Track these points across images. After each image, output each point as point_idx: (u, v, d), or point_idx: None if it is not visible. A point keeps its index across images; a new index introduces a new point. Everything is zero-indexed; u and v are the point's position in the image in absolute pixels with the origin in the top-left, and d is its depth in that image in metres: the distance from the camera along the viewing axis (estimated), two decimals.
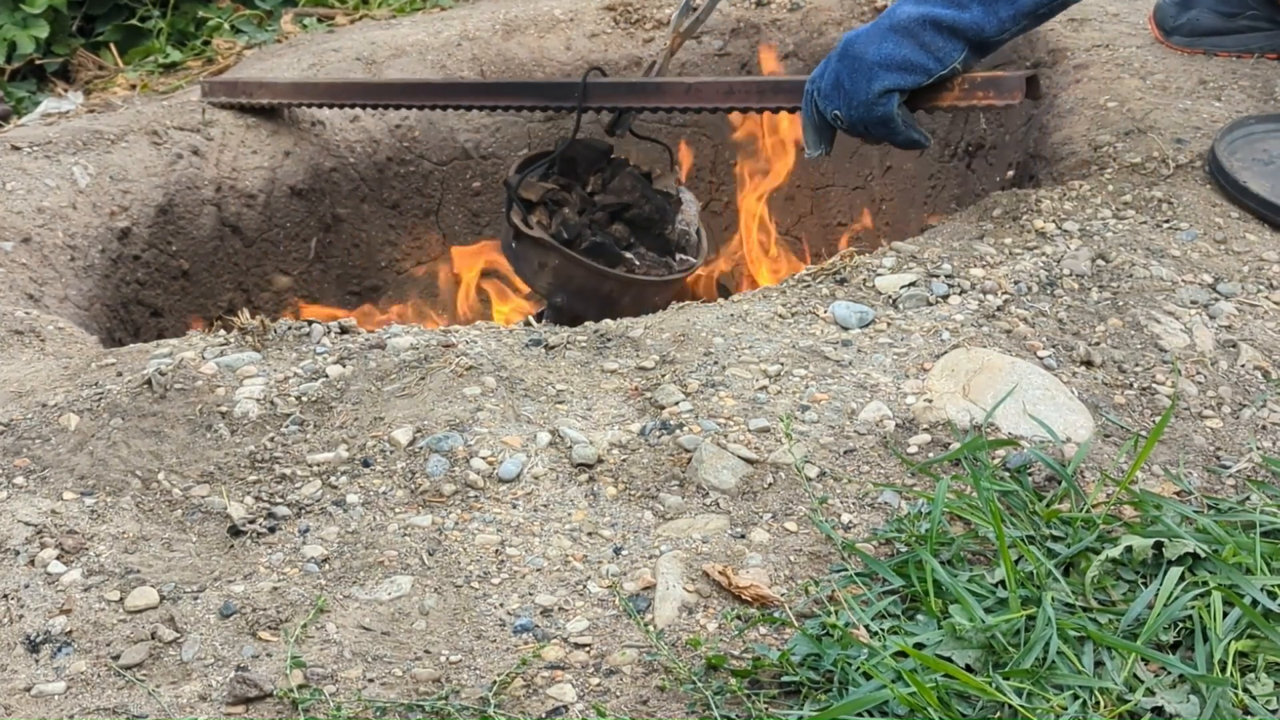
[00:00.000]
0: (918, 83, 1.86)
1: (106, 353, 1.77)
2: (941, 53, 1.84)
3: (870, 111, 1.88)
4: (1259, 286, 1.80)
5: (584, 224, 2.35)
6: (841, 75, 1.90)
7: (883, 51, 1.85)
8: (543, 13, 3.17)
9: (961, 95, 1.92)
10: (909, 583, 1.28)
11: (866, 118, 1.89)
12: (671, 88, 2.30)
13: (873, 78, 1.86)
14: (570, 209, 2.38)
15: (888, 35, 1.85)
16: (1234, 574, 1.26)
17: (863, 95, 1.87)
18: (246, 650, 1.23)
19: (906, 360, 1.61)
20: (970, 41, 1.84)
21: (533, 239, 2.32)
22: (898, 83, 1.86)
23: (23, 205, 2.35)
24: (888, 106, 1.87)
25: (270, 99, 2.74)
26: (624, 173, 2.45)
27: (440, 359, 1.61)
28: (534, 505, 1.41)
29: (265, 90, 2.75)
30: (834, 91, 1.92)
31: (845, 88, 1.89)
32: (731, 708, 1.16)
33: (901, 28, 1.84)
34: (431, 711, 1.16)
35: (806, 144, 2.03)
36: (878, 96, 1.86)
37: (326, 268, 2.90)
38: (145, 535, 1.39)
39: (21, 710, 1.17)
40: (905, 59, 1.84)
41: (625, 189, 2.41)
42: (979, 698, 1.13)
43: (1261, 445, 1.54)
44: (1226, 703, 1.13)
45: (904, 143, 1.94)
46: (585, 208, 2.40)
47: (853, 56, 1.88)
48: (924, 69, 1.85)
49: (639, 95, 2.35)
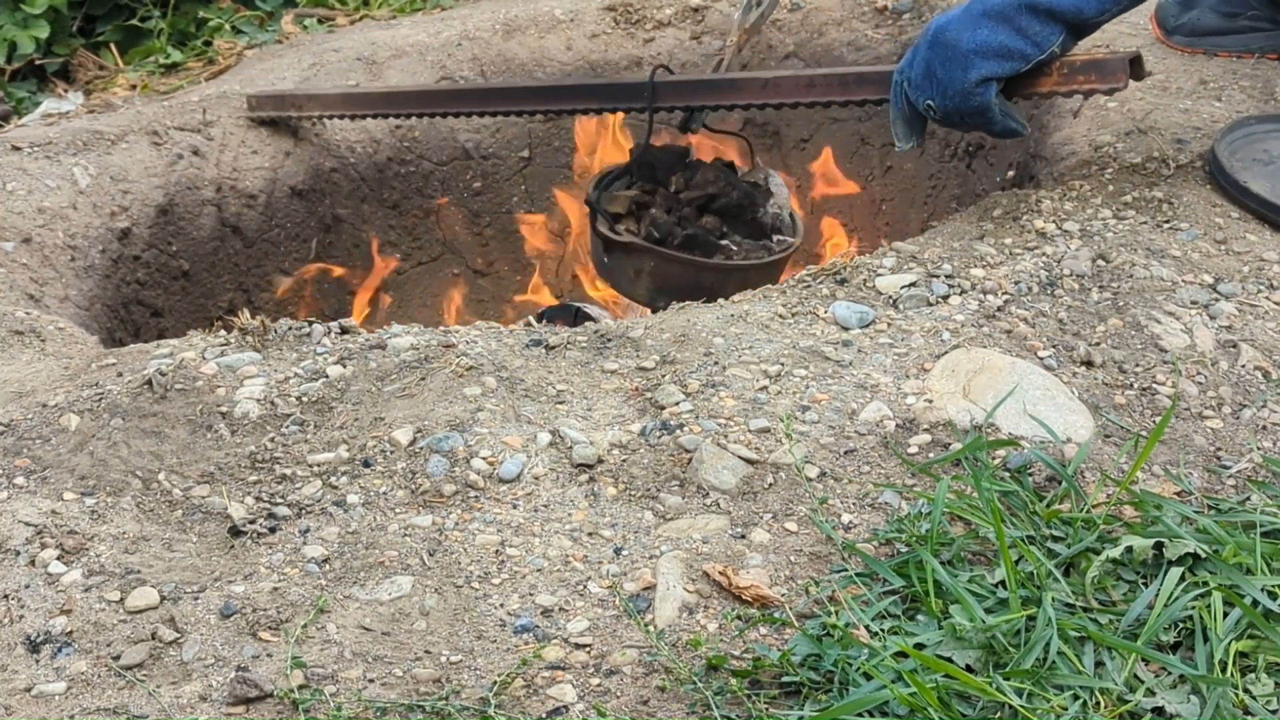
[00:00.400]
0: (1015, 69, 1.80)
1: (107, 353, 1.77)
2: (1039, 37, 1.78)
3: (967, 101, 1.82)
4: (1259, 287, 1.80)
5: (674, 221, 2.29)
6: (933, 64, 1.84)
7: (977, 38, 1.79)
8: (543, 13, 3.17)
9: (1061, 80, 1.86)
10: (909, 583, 1.28)
11: (963, 107, 1.83)
12: (747, 83, 2.22)
13: (969, 66, 1.80)
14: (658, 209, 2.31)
15: (981, 21, 1.79)
16: (1234, 574, 1.26)
17: (958, 84, 1.81)
18: (247, 650, 1.23)
19: (907, 360, 1.61)
20: (1069, 24, 1.78)
21: (624, 245, 2.25)
22: (995, 70, 1.80)
23: (23, 205, 2.35)
24: (985, 96, 1.81)
25: (321, 111, 2.66)
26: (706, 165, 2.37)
27: (440, 359, 1.61)
28: (534, 505, 1.41)
29: (315, 103, 2.67)
30: (926, 81, 1.86)
31: (938, 77, 1.83)
32: (732, 708, 1.16)
33: (996, 13, 1.78)
34: (432, 712, 1.16)
35: (896, 137, 1.97)
36: (975, 85, 1.80)
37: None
38: (146, 535, 1.40)
39: (22, 710, 1.17)
40: (1002, 45, 1.78)
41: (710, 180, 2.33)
42: (979, 698, 1.13)
43: (1262, 445, 1.54)
44: (1227, 703, 1.13)
45: (1001, 132, 1.89)
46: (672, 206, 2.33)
47: (945, 44, 1.82)
48: (1022, 55, 1.79)
49: (713, 93, 2.26)
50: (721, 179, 2.34)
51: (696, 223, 2.32)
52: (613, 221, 2.29)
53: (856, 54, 2.97)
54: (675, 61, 3.07)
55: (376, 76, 2.97)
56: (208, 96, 2.83)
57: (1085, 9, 1.76)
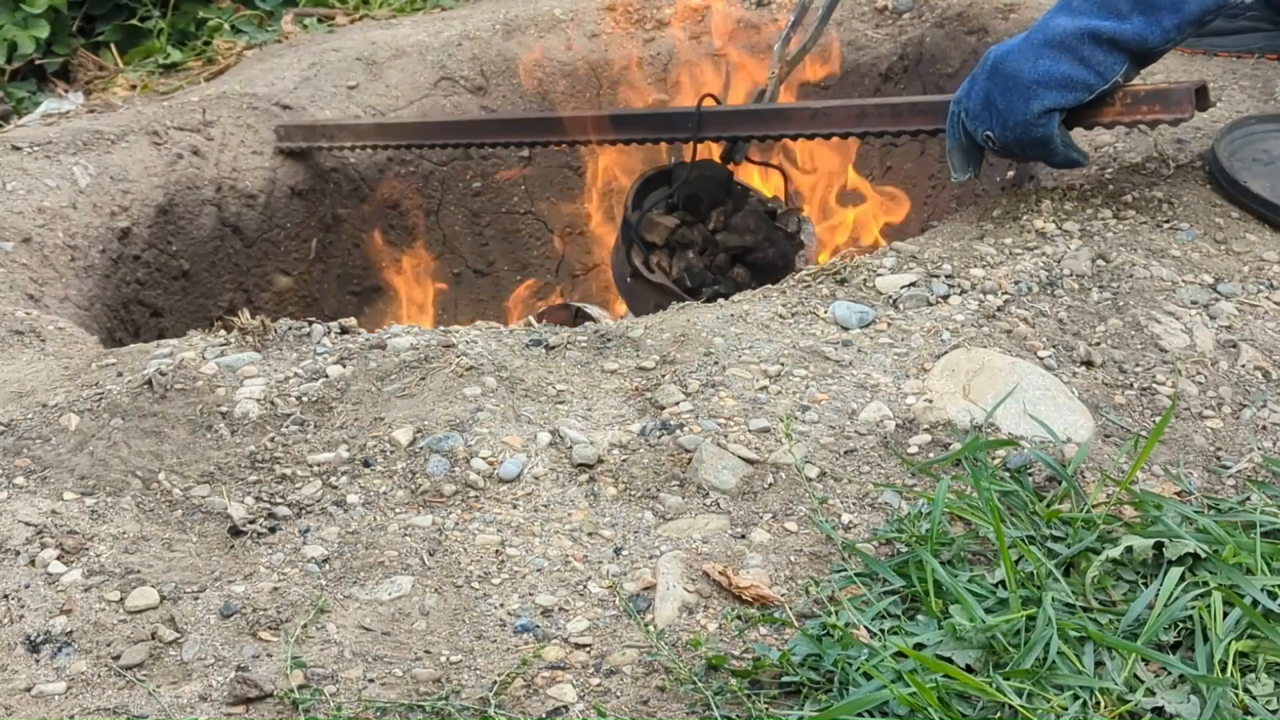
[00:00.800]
0: (1079, 100, 1.78)
1: (107, 353, 1.77)
2: (1102, 66, 1.75)
3: (1029, 132, 1.80)
4: (1259, 286, 1.80)
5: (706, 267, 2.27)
6: (993, 94, 1.81)
7: (1039, 69, 1.76)
8: (543, 13, 3.17)
9: (1124, 110, 1.84)
10: (909, 583, 1.28)
11: (1024, 138, 1.81)
12: (796, 113, 2.19)
13: (1031, 97, 1.77)
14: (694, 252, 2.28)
15: (1044, 51, 1.76)
16: (1234, 574, 1.26)
17: (1020, 115, 1.79)
18: (247, 650, 1.23)
19: (907, 360, 1.61)
20: (1132, 53, 1.75)
21: (653, 284, 2.23)
22: (1058, 101, 1.77)
23: (23, 205, 2.35)
24: (1048, 127, 1.79)
25: (353, 142, 2.64)
26: (747, 209, 2.35)
27: (440, 359, 1.61)
28: (534, 505, 1.41)
29: (346, 133, 2.64)
30: (984, 111, 1.83)
31: (998, 107, 1.81)
32: (732, 708, 1.16)
33: (1058, 42, 1.75)
34: (432, 712, 1.16)
35: (953, 167, 1.94)
36: (1038, 116, 1.78)
37: (327, 268, 2.90)
38: (145, 535, 1.40)
39: (22, 710, 1.17)
40: (1065, 75, 1.76)
41: (748, 228, 2.32)
42: (979, 698, 1.13)
43: (1262, 445, 1.54)
44: (1227, 703, 1.13)
45: (1061, 162, 1.86)
46: (706, 246, 2.31)
47: (1006, 75, 1.79)
48: (1085, 85, 1.76)
49: (761, 122, 2.23)
50: (761, 230, 2.31)
51: (727, 273, 2.30)
52: (646, 251, 2.26)
53: (856, 54, 2.97)
54: (675, 62, 3.07)
55: (376, 76, 2.97)
56: (207, 96, 2.83)
57: (1150, 38, 1.74)
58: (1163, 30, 1.73)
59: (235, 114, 2.77)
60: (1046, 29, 1.78)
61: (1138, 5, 1.73)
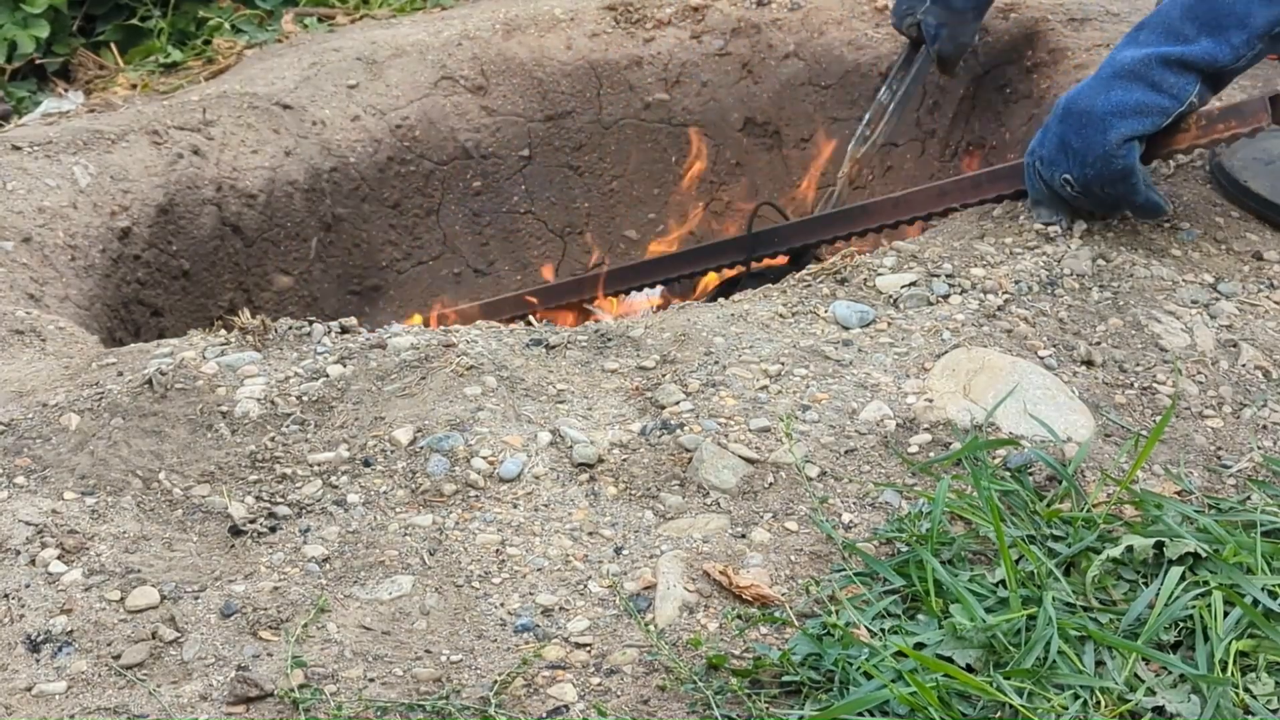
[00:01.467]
0: (1156, 125, 1.75)
1: (107, 352, 1.77)
2: (1175, 89, 1.74)
3: (1109, 165, 1.76)
4: (1259, 286, 1.80)
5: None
6: (1067, 136, 1.79)
7: (1112, 100, 1.74)
8: (543, 12, 3.17)
9: (1200, 133, 1.82)
10: (910, 582, 1.28)
11: (1105, 173, 1.77)
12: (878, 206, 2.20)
13: (1107, 128, 1.74)
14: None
15: (1114, 83, 1.75)
16: (1235, 573, 1.26)
17: (1098, 150, 1.76)
18: (247, 650, 1.23)
19: (907, 360, 1.61)
20: (1203, 73, 1.74)
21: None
22: (1134, 129, 1.75)
23: (23, 205, 2.35)
24: (1129, 158, 1.76)
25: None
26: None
27: (441, 359, 1.61)
28: (535, 505, 1.41)
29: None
30: (1060, 155, 1.81)
31: (1074, 147, 1.78)
32: (732, 707, 1.16)
33: (1127, 72, 1.74)
34: (432, 711, 1.16)
35: (1039, 218, 1.90)
36: (1116, 147, 1.75)
37: (327, 267, 2.89)
38: (146, 535, 1.39)
39: (22, 710, 1.17)
40: (1138, 102, 1.74)
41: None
42: (979, 697, 1.13)
43: (1262, 445, 1.54)
44: (1227, 702, 1.13)
45: (1144, 204, 1.81)
46: None
47: (1078, 113, 1.77)
48: (1160, 109, 1.74)
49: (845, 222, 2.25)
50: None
51: None
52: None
53: (856, 53, 2.97)
54: (675, 62, 3.07)
55: (377, 76, 2.97)
56: (208, 96, 2.82)
57: (1220, 57, 1.72)
58: (1232, 48, 1.72)
59: (235, 113, 2.76)
60: (1114, 62, 1.76)
61: (1204, 27, 1.72)
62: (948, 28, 2.49)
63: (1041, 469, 1.45)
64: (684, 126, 3.10)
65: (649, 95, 3.08)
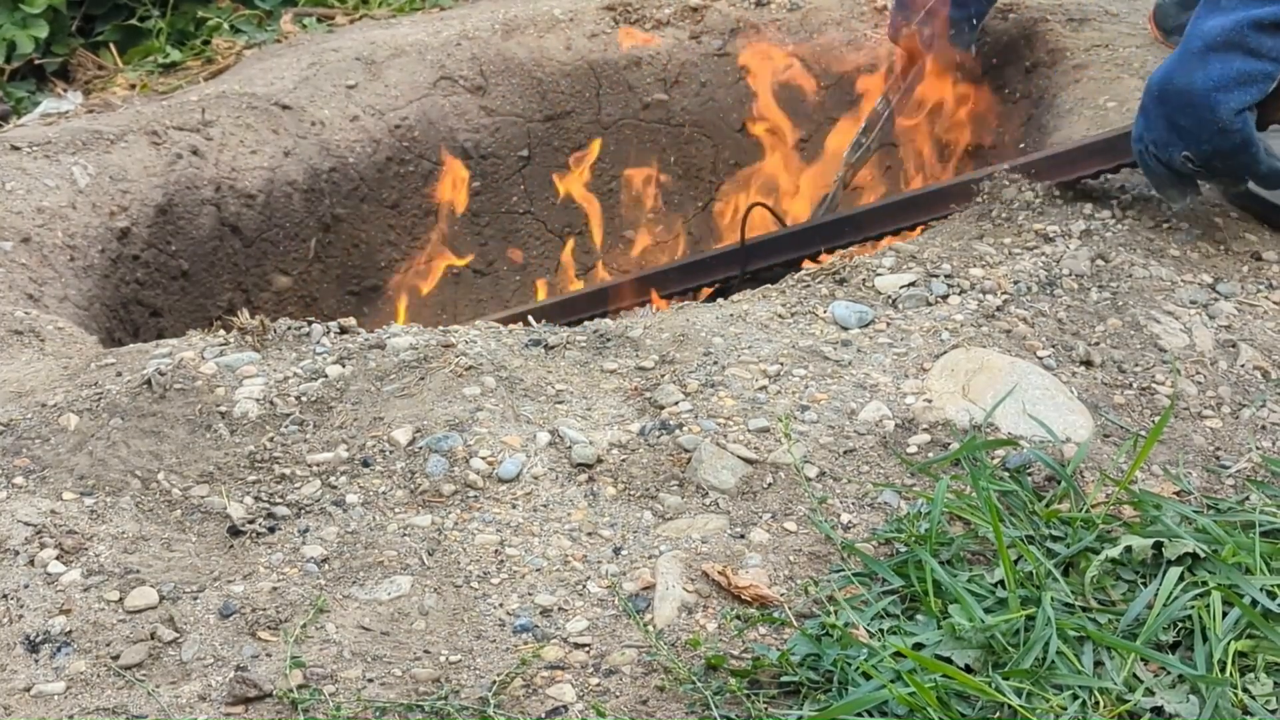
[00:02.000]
0: (1264, 91, 1.70)
1: (106, 353, 1.77)
2: (1275, 51, 1.68)
3: (1226, 139, 1.72)
4: (1259, 286, 1.80)
5: None
6: (1173, 116, 1.74)
7: (1211, 75, 1.70)
8: (542, 13, 3.17)
9: None
10: (908, 583, 1.28)
11: (1223, 147, 1.73)
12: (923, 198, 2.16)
13: (1215, 104, 1.70)
14: None
15: (1208, 56, 1.70)
16: (1233, 574, 1.26)
17: (1211, 125, 1.71)
18: (246, 650, 1.23)
19: (906, 360, 1.61)
20: None
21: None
22: (1243, 100, 1.70)
23: (22, 205, 2.35)
24: (1245, 128, 1.71)
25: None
26: None
27: (440, 359, 1.61)
28: (533, 505, 1.41)
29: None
30: (1172, 135, 1.76)
31: (1184, 126, 1.74)
32: (731, 708, 1.16)
33: (1220, 43, 1.70)
34: (431, 711, 1.16)
35: (1170, 200, 1.86)
36: (1230, 120, 1.70)
37: (326, 268, 2.90)
38: (145, 535, 1.39)
39: (21, 710, 1.17)
40: (1240, 71, 1.69)
41: None
42: (978, 698, 1.13)
43: (1261, 445, 1.54)
44: (1226, 703, 1.13)
45: (1268, 173, 1.77)
46: None
47: (1177, 92, 1.73)
48: (1265, 74, 1.69)
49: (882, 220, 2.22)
50: None
51: None
52: None
53: (856, 53, 2.97)
54: (675, 62, 3.07)
55: (376, 76, 2.97)
56: (207, 96, 2.82)
57: None
58: None
59: (234, 114, 2.76)
60: (1203, 33, 1.72)
61: None
62: (942, 39, 2.52)
63: (1040, 469, 1.45)
64: (680, 127, 3.11)
65: (648, 95, 3.08)
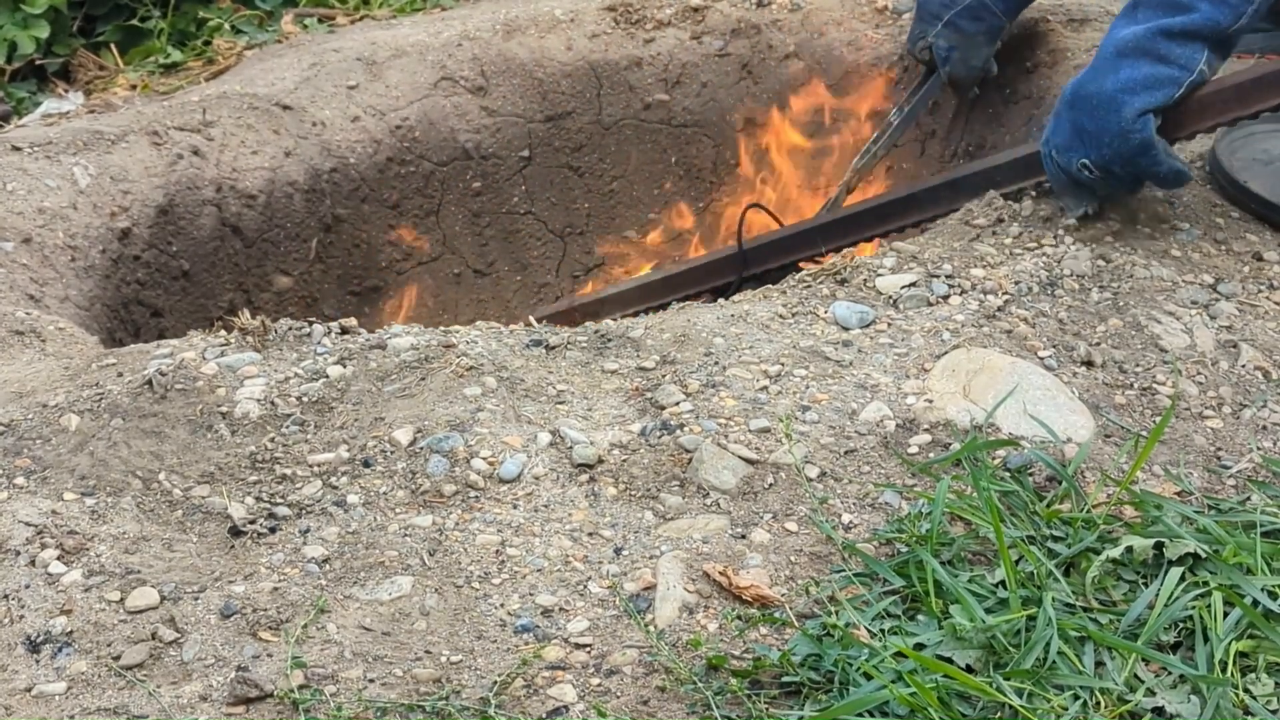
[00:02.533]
0: (1170, 96, 1.74)
1: (107, 353, 1.77)
2: (1184, 59, 1.73)
3: (1126, 141, 1.74)
4: (1259, 286, 1.80)
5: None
6: (1079, 120, 1.78)
7: (1120, 78, 1.73)
8: (543, 13, 3.17)
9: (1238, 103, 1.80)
10: (909, 583, 1.28)
11: (1123, 150, 1.75)
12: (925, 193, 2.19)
13: (1120, 105, 1.73)
14: None
15: (1119, 61, 1.74)
16: (1234, 574, 1.26)
17: (1113, 128, 1.74)
18: (247, 650, 1.23)
19: (907, 360, 1.61)
20: (1208, 40, 1.72)
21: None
22: (1148, 102, 1.73)
23: (23, 205, 2.35)
24: (1145, 131, 1.74)
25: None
26: None
27: (441, 359, 1.61)
28: (534, 505, 1.41)
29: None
30: (1074, 140, 1.79)
31: (1088, 129, 1.77)
32: (732, 708, 1.16)
33: (1131, 48, 1.73)
34: (432, 712, 1.16)
35: (1067, 208, 1.89)
36: (1131, 122, 1.73)
37: (327, 268, 2.90)
38: (146, 535, 1.40)
39: (22, 710, 1.17)
40: (1148, 75, 1.72)
41: None
42: (979, 698, 1.13)
43: (1262, 445, 1.54)
44: (1227, 703, 1.13)
45: (1167, 174, 1.79)
46: None
47: (1087, 96, 1.76)
48: (1172, 80, 1.73)
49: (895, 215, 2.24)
50: None
51: None
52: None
53: (856, 54, 2.97)
54: (675, 62, 3.07)
55: (377, 77, 2.97)
56: (208, 96, 2.82)
57: (1221, 20, 1.71)
58: (1232, 9, 1.71)
59: (235, 114, 2.76)
60: (1115, 40, 1.75)
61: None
62: (959, 50, 2.52)
63: (1041, 469, 1.45)
64: (684, 127, 3.11)
65: (649, 96, 3.08)
